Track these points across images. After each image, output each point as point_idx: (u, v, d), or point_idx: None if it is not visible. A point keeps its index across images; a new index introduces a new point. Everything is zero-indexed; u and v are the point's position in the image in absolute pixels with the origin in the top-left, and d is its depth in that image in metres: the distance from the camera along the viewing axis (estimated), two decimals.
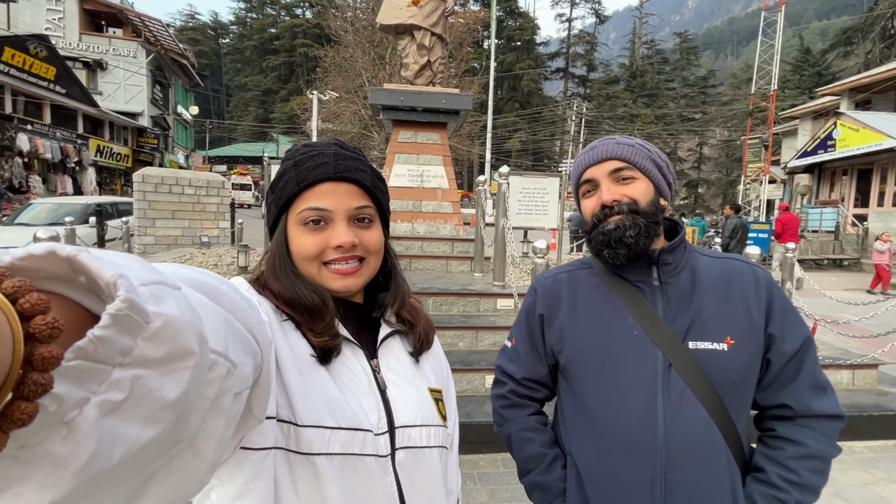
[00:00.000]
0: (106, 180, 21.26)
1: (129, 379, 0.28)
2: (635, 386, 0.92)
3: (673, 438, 0.89)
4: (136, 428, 0.29)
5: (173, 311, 0.31)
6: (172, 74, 28.14)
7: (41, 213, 9.24)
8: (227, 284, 0.45)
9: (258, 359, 0.45)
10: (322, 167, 0.74)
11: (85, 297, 0.30)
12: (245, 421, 0.47)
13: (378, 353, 0.78)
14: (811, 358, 0.95)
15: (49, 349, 0.24)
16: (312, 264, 0.75)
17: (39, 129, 16.75)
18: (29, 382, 0.24)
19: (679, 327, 0.93)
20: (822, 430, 0.92)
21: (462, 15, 25.44)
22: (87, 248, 0.30)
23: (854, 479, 2.95)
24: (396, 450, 0.72)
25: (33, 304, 0.24)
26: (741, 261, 1.01)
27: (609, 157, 0.96)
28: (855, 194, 16.47)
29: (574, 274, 1.07)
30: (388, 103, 5.83)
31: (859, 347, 4.76)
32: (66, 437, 0.26)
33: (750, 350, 0.92)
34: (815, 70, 39.08)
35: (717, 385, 0.90)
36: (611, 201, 0.94)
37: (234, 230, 8.91)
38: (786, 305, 0.96)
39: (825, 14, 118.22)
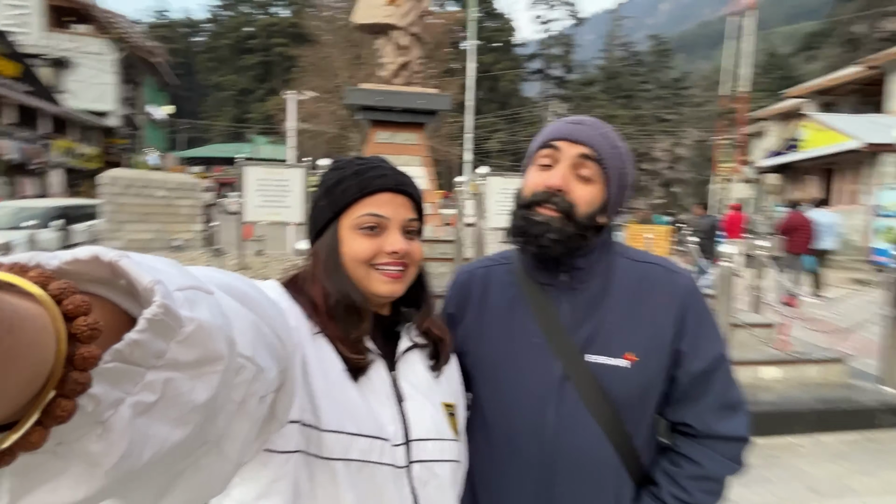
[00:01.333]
0: (74, 182, 20.49)
1: (162, 381, 0.29)
2: (527, 396, 0.89)
3: (561, 453, 0.87)
4: (166, 429, 0.30)
5: (205, 316, 0.32)
6: (143, 73, 27.32)
7: (2, 217, 8.83)
8: (257, 289, 0.46)
9: (283, 364, 0.45)
10: (384, 178, 0.79)
11: (124, 300, 0.31)
12: (268, 424, 0.48)
13: (397, 365, 0.80)
14: (722, 376, 0.91)
15: (89, 349, 0.25)
16: (362, 267, 0.77)
17: (1, 129, 16.03)
18: (70, 381, 0.25)
19: (581, 338, 0.89)
20: (722, 452, 0.90)
21: (440, 15, 25.43)
22: (128, 252, 0.32)
23: (826, 472, 3.02)
24: (412, 463, 0.74)
25: (76, 306, 0.25)
26: (662, 266, 0.95)
27: (588, 143, 0.89)
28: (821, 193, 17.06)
29: (491, 269, 1.03)
30: (365, 103, 5.76)
31: (828, 342, 4.90)
32: (100, 436, 0.27)
33: (653, 367, 0.89)
34: (781, 73, 40.43)
35: (615, 401, 0.87)
36: (557, 188, 0.87)
37: (209, 232, 8.68)
38: (702, 319, 0.92)
39: (793, 18, 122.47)
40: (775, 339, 4.32)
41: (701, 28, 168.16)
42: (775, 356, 4.06)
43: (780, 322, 4.35)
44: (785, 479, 2.94)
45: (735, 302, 4.05)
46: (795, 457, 3.22)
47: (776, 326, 4.40)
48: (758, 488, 2.83)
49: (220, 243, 7.42)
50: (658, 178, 46.40)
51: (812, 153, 16.02)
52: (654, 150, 45.79)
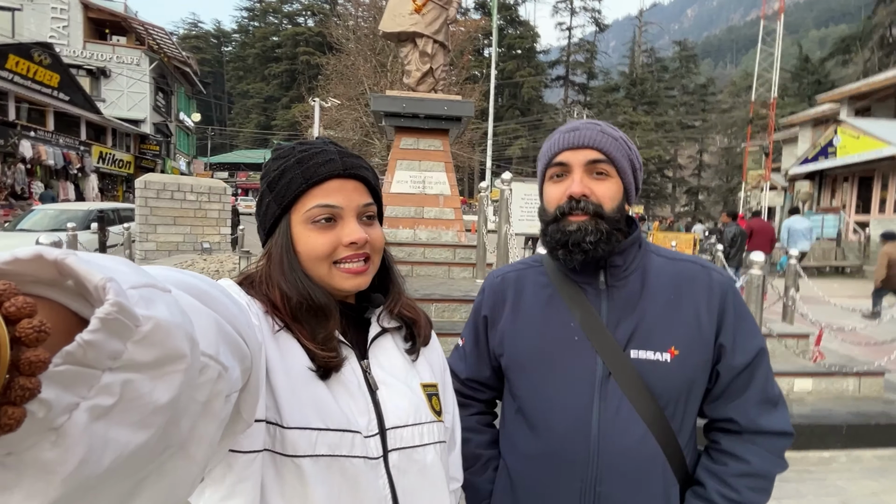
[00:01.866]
0: (108, 187, 21.32)
1: (120, 383, 0.28)
2: (571, 394, 0.89)
3: (606, 450, 0.86)
4: (127, 432, 0.29)
5: (163, 315, 0.31)
6: (175, 82, 28.32)
7: (43, 220, 9.27)
8: (216, 287, 0.44)
9: (247, 362, 0.44)
10: (330, 164, 0.73)
11: (73, 301, 0.29)
12: (234, 424, 0.47)
13: (369, 352, 0.77)
14: (763, 371, 0.91)
15: (36, 353, 0.24)
16: (323, 264, 0.73)
17: (42, 135, 16.82)
18: (16, 387, 0.23)
19: (622, 334, 0.89)
20: (768, 447, 0.89)
21: (463, 23, 25.64)
22: (75, 251, 0.30)
23: (862, 489, 2.91)
24: (389, 451, 0.71)
25: (19, 308, 0.24)
26: (697, 264, 0.95)
27: (591, 144, 0.89)
28: (856, 201, 16.49)
29: (523, 273, 1.03)
30: (390, 110, 5.85)
31: (865, 355, 4.72)
32: (55, 443, 0.25)
33: (696, 361, 0.88)
34: (814, 78, 39.25)
35: (659, 396, 0.86)
36: (580, 194, 0.87)
37: (235, 236, 8.91)
38: (741, 315, 0.92)
39: (823, 23, 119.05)
40: (811, 351, 4.19)
41: (728, 33, 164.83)
42: (809, 368, 3.94)
43: (814, 333, 4.22)
44: (818, 494, 2.85)
45: (764, 311, 3.96)
46: (829, 471, 3.11)
47: (811, 337, 4.27)
48: (790, 503, 2.75)
49: (247, 246, 7.61)
50: (683, 185, 45.63)
51: (847, 160, 15.50)
52: (680, 157, 45.06)
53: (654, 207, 42.94)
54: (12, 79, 15.68)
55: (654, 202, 43.89)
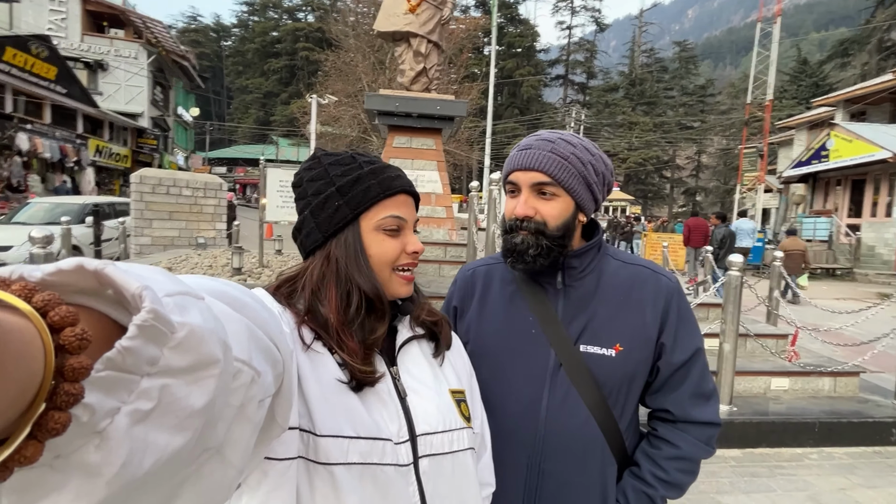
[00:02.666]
0: (105, 180, 21.29)
1: (158, 388, 0.29)
2: (525, 381, 0.98)
3: (551, 432, 0.96)
4: (166, 436, 0.30)
5: (197, 321, 0.32)
6: (173, 76, 28.24)
7: (38, 213, 9.29)
8: (248, 295, 0.46)
9: (280, 367, 0.46)
10: (400, 179, 0.81)
11: (113, 310, 0.31)
12: (269, 430, 0.49)
13: (397, 359, 0.79)
14: (698, 368, 1.00)
15: (79, 360, 0.25)
16: (387, 269, 0.79)
17: (39, 128, 16.80)
18: (61, 393, 0.24)
19: (574, 330, 0.98)
20: (697, 435, 0.99)
21: (463, 21, 25.63)
22: (114, 261, 0.31)
23: (831, 485, 3.00)
24: (420, 458, 0.72)
25: (62, 317, 0.25)
26: (649, 268, 1.04)
27: (537, 167, 0.95)
28: (849, 204, 16.60)
29: (492, 268, 1.11)
30: (383, 109, 5.91)
31: (844, 355, 4.82)
32: (98, 446, 0.27)
33: (637, 357, 0.98)
34: (812, 80, 39.36)
35: (602, 386, 0.96)
36: (523, 216, 0.96)
37: (230, 232, 8.96)
38: (683, 317, 1.01)
39: (823, 25, 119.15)
40: (787, 351, 4.29)
41: (729, 34, 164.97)
42: (787, 367, 4.03)
43: (791, 333, 4.31)
44: (788, 489, 2.94)
45: (744, 311, 4.04)
46: (801, 468, 3.21)
47: (789, 337, 4.37)
48: (760, 497, 2.84)
49: (241, 241, 7.67)
50: (681, 186, 45.72)
51: (840, 163, 15.61)
52: (678, 158, 45.14)
53: (651, 208, 43.03)
54: (9, 71, 15.65)
55: (652, 202, 43.98)
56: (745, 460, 3.28)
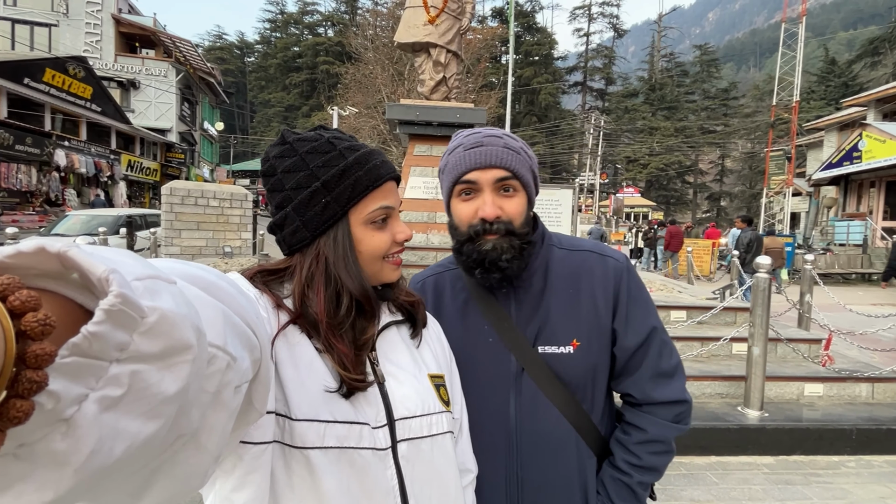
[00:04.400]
0: (136, 193, 22.11)
1: (128, 374, 0.28)
2: (490, 391, 0.95)
3: (523, 438, 0.94)
4: (137, 423, 0.29)
5: (168, 306, 0.31)
6: (200, 92, 29.24)
7: (75, 225, 9.70)
8: (224, 279, 0.45)
9: (257, 353, 0.45)
10: (385, 165, 0.77)
11: (78, 294, 0.29)
12: (246, 415, 0.48)
13: (376, 345, 0.78)
14: (655, 348, 0.96)
15: (42, 346, 0.24)
16: (378, 261, 0.77)
17: (75, 145, 17.59)
18: (23, 380, 0.23)
19: (530, 332, 0.95)
20: (662, 416, 0.96)
21: (480, 31, 25.86)
22: (79, 244, 0.30)
23: (870, 493, 2.89)
24: (398, 442, 0.72)
25: (23, 302, 0.24)
26: (595, 252, 1.00)
27: (498, 164, 0.91)
28: (884, 207, 16.00)
29: (441, 277, 1.06)
30: (404, 118, 6.01)
31: (882, 361, 4.64)
32: (65, 434, 0.26)
33: (596, 349, 0.95)
34: (841, 81, 38.25)
35: (568, 384, 0.94)
36: (494, 217, 0.90)
37: (255, 241, 9.18)
38: (634, 298, 0.97)
39: (851, 24, 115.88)
40: (821, 355, 4.16)
41: (752, 36, 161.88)
42: (820, 372, 3.91)
43: (825, 337, 4.18)
44: (825, 497, 2.84)
45: (774, 316, 3.95)
46: (838, 476, 3.10)
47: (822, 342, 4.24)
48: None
49: (266, 250, 7.85)
50: (704, 191, 44.81)
51: (874, 164, 15.09)
52: (700, 163, 44.30)
53: (674, 213, 42.25)
54: (48, 91, 16.47)
55: (675, 208, 43.20)
56: (779, 468, 3.19)
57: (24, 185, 15.17)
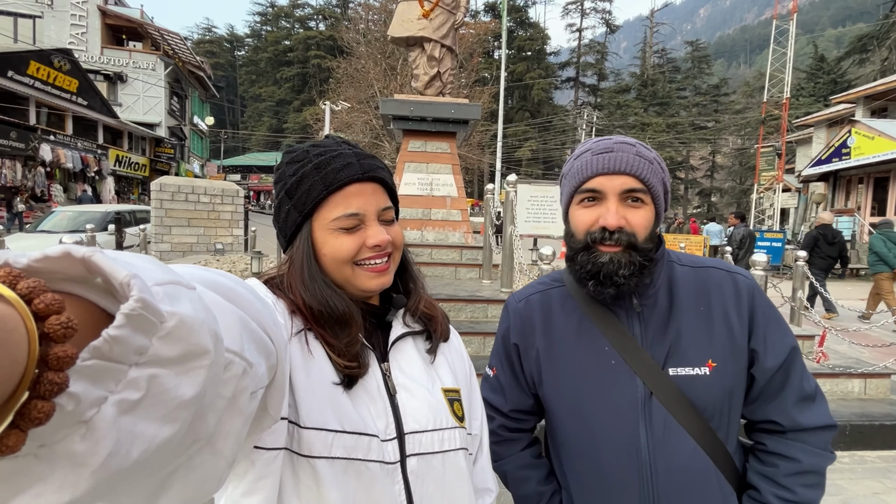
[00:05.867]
0: (124, 189, 21.79)
1: (146, 378, 0.29)
2: (615, 419, 0.88)
3: (659, 471, 0.85)
4: (154, 426, 0.29)
5: (187, 311, 0.31)
6: (189, 86, 28.83)
7: (62, 221, 9.53)
8: (242, 285, 0.45)
9: (273, 359, 0.45)
10: (348, 168, 0.72)
11: (101, 298, 0.30)
12: (260, 420, 0.48)
13: (389, 355, 0.76)
14: (797, 369, 0.90)
15: (64, 349, 0.25)
16: (346, 266, 0.73)
17: (61, 139, 17.28)
18: (45, 381, 0.24)
19: (659, 353, 0.88)
20: (814, 443, 0.87)
21: (473, 26, 25.74)
22: (103, 249, 0.30)
23: (864, 489, 2.92)
24: (407, 457, 0.70)
25: (47, 305, 0.25)
26: (721, 269, 0.94)
27: (628, 171, 0.85)
28: (871, 202, 16.22)
29: (547, 294, 0.99)
30: (398, 113, 5.95)
31: (873, 357, 4.69)
32: (84, 436, 0.26)
33: (733, 370, 0.88)
34: (830, 78, 38.64)
35: (702, 410, 0.86)
36: (616, 227, 0.84)
37: (247, 237, 9.08)
38: (769, 315, 0.91)
39: (840, 22, 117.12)
40: (815, 352, 4.19)
41: (742, 32, 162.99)
42: (814, 369, 3.93)
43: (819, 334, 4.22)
44: None
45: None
46: (832, 472, 3.12)
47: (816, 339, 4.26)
48: None
49: (259, 247, 7.76)
50: (695, 187, 45.19)
51: (862, 161, 15.28)
52: (692, 159, 44.63)
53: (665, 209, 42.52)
54: (33, 84, 16.14)
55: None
56: None
57: (9, 181, 14.87)
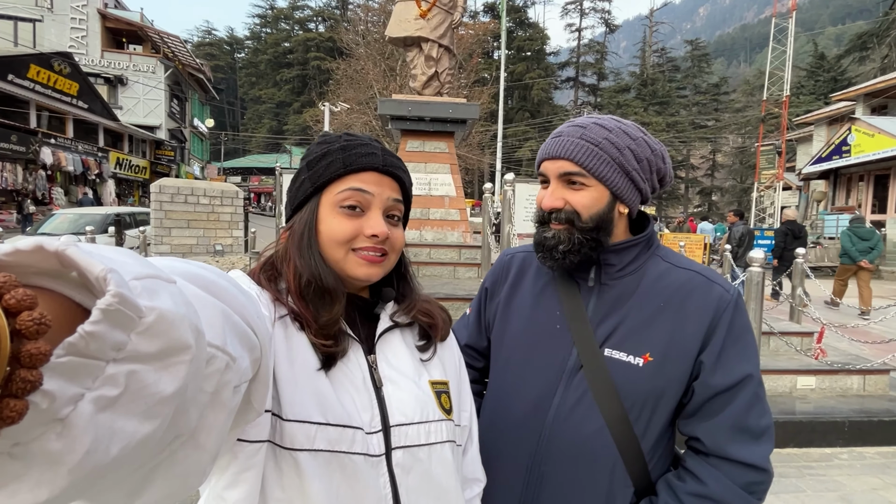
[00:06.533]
0: (125, 191, 21.84)
1: (124, 374, 0.28)
2: (540, 376, 0.92)
3: (557, 434, 0.88)
4: (133, 423, 0.29)
5: (167, 305, 0.30)
6: (189, 88, 28.89)
7: (63, 224, 9.55)
8: (225, 278, 0.44)
9: (257, 352, 0.44)
10: (371, 157, 0.75)
11: (77, 293, 0.29)
12: (244, 414, 0.48)
13: (376, 348, 0.76)
14: (746, 398, 0.85)
15: (36, 346, 0.24)
16: (341, 249, 0.73)
17: (62, 142, 17.32)
18: (17, 379, 0.23)
19: (602, 332, 0.90)
20: (732, 476, 0.83)
21: (472, 26, 25.76)
22: (77, 242, 0.29)
23: (863, 485, 2.92)
24: (393, 449, 0.70)
25: (19, 300, 0.24)
26: (702, 275, 0.91)
27: (565, 156, 0.88)
28: (872, 200, 16.20)
29: (531, 255, 1.03)
30: (396, 113, 5.96)
31: (872, 353, 4.69)
32: (60, 434, 0.26)
33: (669, 373, 0.86)
34: (830, 75, 38.59)
35: (624, 398, 0.86)
36: (550, 208, 0.90)
37: (247, 239, 9.09)
38: (735, 335, 0.87)
39: (840, 19, 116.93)
40: (814, 348, 4.19)
41: (742, 31, 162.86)
42: (813, 365, 3.93)
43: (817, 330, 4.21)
44: (818, 489, 2.86)
45: (766, 309, 3.96)
46: (831, 468, 3.12)
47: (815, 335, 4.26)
48: (789, 497, 2.77)
49: (258, 248, 7.78)
50: (696, 186, 45.14)
51: (862, 158, 15.26)
52: (692, 158, 44.59)
53: (667, 208, 42.52)
54: (33, 87, 16.18)
55: (667, 203, 43.45)
56: (773, 460, 3.20)
57: (10, 184, 14.91)
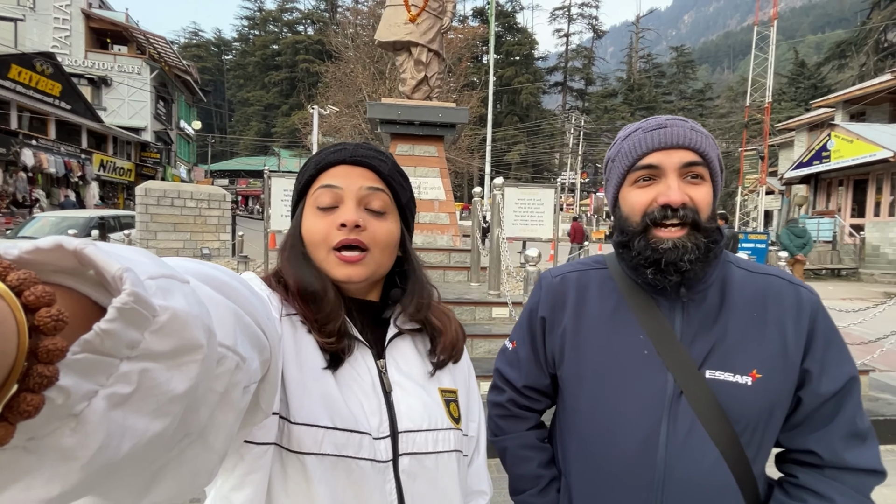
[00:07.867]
0: (109, 194, 21.47)
1: (137, 372, 0.29)
2: (638, 412, 0.82)
3: (673, 476, 0.79)
4: (145, 420, 0.29)
5: (181, 305, 0.31)
6: (176, 90, 28.55)
7: (44, 227, 9.35)
8: (237, 279, 0.45)
9: (266, 353, 0.45)
10: (340, 152, 0.76)
11: (93, 291, 0.30)
12: (252, 415, 0.48)
13: (386, 352, 0.75)
14: (853, 401, 0.80)
15: (54, 341, 0.24)
16: (321, 249, 0.73)
17: (44, 144, 16.98)
18: (34, 374, 0.24)
19: (698, 352, 0.81)
20: (854, 486, 0.78)
21: (461, 31, 25.91)
22: (96, 241, 0.30)
23: None
24: (400, 455, 0.69)
25: (38, 297, 0.24)
26: (783, 279, 0.86)
27: (686, 144, 0.79)
28: (852, 204, 16.61)
29: (585, 274, 0.93)
30: (385, 117, 5.96)
31: (853, 354, 4.79)
32: (74, 429, 0.26)
33: (779, 387, 0.80)
34: (811, 82, 39.56)
35: (735, 422, 0.79)
36: (680, 203, 0.77)
37: (234, 242, 9.01)
38: (830, 337, 0.82)
39: (819, 28, 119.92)
40: None
41: (726, 38, 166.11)
42: None
43: None
44: None
45: None
46: None
47: None
48: None
49: (245, 252, 7.71)
50: None
51: (842, 163, 15.64)
52: None
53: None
54: (14, 88, 15.85)
55: None
56: None
57: None
